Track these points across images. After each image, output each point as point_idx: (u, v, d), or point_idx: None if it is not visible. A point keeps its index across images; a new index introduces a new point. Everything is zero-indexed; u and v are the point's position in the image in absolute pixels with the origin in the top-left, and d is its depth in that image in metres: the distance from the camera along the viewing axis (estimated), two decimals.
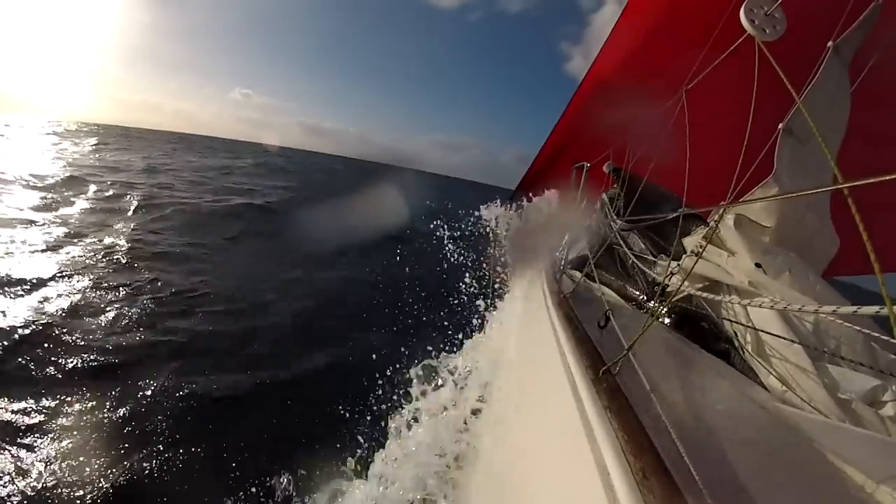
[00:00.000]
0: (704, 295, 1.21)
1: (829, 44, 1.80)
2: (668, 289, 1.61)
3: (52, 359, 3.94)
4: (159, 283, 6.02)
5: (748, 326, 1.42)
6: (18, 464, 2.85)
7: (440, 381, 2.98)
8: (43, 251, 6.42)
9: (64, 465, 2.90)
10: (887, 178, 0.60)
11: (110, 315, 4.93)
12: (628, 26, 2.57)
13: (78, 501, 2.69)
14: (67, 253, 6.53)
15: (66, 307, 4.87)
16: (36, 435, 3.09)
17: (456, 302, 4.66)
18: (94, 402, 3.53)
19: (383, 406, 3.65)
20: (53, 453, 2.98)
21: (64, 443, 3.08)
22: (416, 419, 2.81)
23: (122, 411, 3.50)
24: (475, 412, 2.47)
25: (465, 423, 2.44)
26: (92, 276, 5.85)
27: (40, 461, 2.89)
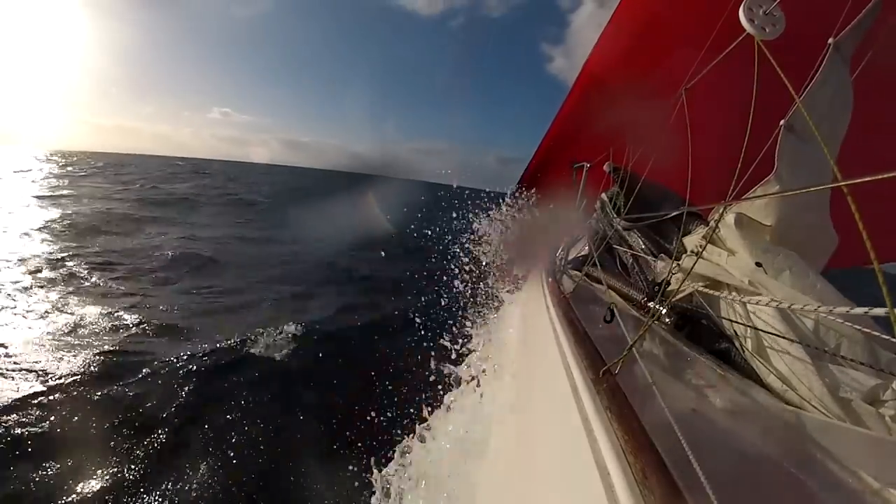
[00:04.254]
0: (706, 291, 1.21)
1: (830, 41, 1.79)
2: (669, 288, 1.61)
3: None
4: None
5: (748, 326, 1.42)
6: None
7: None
8: None
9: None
10: (886, 175, 0.60)
11: None
12: (622, 25, 2.55)
13: None
14: None
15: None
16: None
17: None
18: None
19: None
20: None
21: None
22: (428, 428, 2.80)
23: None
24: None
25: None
26: None
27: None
